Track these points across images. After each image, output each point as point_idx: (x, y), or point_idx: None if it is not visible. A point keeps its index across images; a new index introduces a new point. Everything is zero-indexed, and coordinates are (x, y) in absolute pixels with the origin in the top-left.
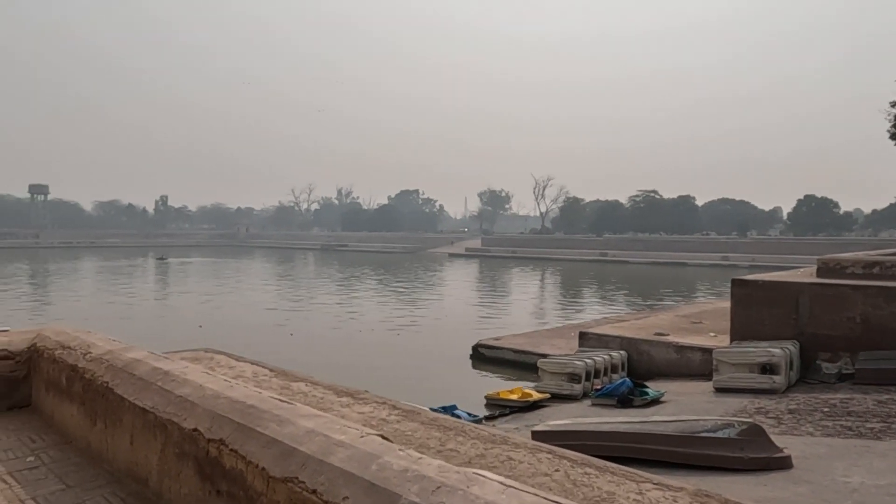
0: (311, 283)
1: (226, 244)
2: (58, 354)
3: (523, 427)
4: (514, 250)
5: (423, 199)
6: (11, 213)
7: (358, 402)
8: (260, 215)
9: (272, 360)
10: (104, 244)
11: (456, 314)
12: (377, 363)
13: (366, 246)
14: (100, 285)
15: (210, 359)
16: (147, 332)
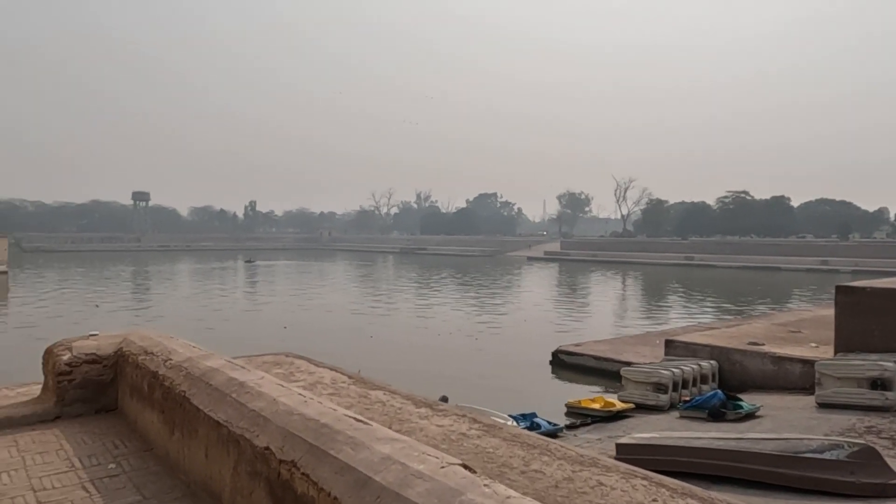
0: (391, 286)
1: (309, 247)
2: (141, 360)
3: (606, 438)
4: (594, 254)
5: (501, 202)
6: (117, 219)
7: (437, 413)
8: (342, 219)
9: (352, 363)
10: (198, 247)
11: (535, 319)
12: (456, 368)
13: (444, 249)
14: (194, 287)
15: (290, 363)
16: (236, 331)
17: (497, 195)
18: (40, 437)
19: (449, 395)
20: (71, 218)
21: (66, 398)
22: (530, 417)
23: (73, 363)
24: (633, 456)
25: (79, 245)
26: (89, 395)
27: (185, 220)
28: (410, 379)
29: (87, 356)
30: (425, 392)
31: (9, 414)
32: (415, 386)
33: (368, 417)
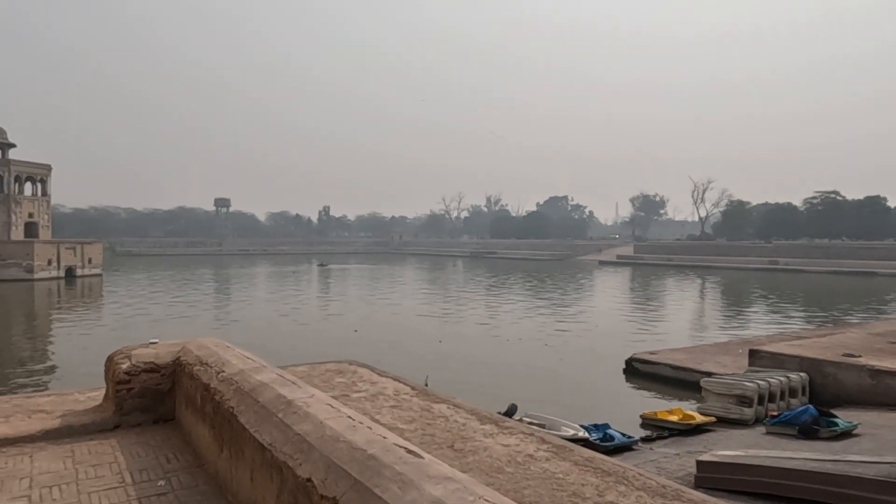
0: (460, 291)
1: (381, 251)
2: (195, 371)
3: (685, 453)
4: (669, 258)
5: (572, 205)
6: (200, 224)
7: (502, 431)
8: (412, 223)
9: (420, 368)
10: (275, 251)
11: (607, 325)
12: (525, 375)
13: (514, 253)
14: (271, 289)
15: (353, 372)
16: (309, 334)
17: (568, 198)
18: (97, 447)
19: (517, 403)
20: (159, 223)
21: (124, 407)
22: (603, 428)
23: (131, 372)
24: (715, 475)
25: (166, 249)
26: (147, 404)
27: (263, 224)
28: (478, 385)
29: (146, 365)
30: (493, 400)
31: (69, 422)
32: (482, 393)
33: (430, 434)
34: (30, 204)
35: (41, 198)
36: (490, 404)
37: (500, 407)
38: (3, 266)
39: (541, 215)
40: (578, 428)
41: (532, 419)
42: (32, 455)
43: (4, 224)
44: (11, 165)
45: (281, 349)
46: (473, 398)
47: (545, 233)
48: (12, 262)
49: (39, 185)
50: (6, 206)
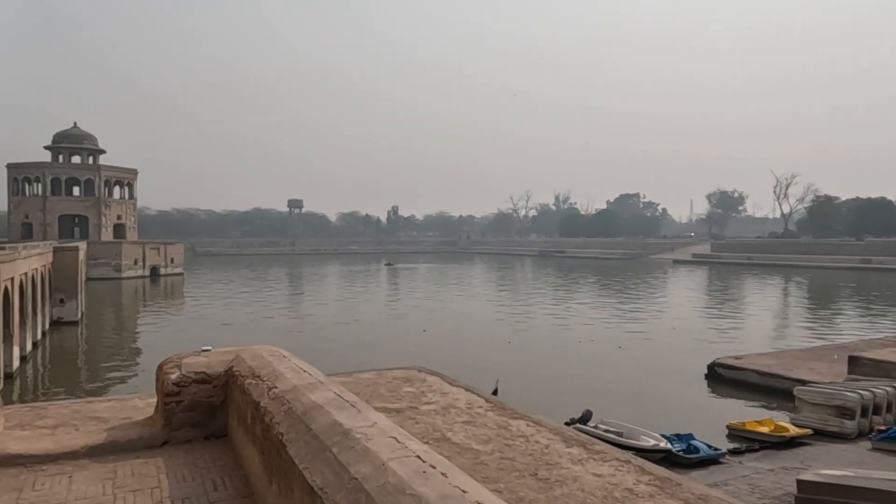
0: (528, 290)
1: (448, 250)
2: (247, 384)
3: (780, 469)
4: (749, 256)
5: (644, 202)
6: (274, 224)
7: (593, 456)
8: (480, 222)
9: (490, 369)
10: (345, 251)
11: (685, 327)
12: (599, 379)
13: (583, 252)
14: (341, 288)
15: (422, 381)
16: (378, 334)
17: (640, 195)
18: (141, 467)
19: (593, 410)
20: (236, 224)
21: (173, 422)
22: (687, 439)
23: (181, 383)
24: (819, 496)
25: (242, 249)
26: (198, 418)
27: (334, 224)
28: (549, 389)
29: (197, 375)
30: (567, 406)
31: (116, 437)
32: (554, 397)
33: (509, 458)
34: (118, 206)
35: (128, 201)
36: (562, 410)
37: (574, 413)
38: (94, 265)
39: (611, 213)
40: (660, 438)
41: (608, 427)
42: (72, 475)
43: (95, 226)
44: (102, 170)
45: (349, 350)
46: (545, 403)
47: (616, 231)
48: (102, 261)
49: (127, 188)
50: (97, 209)
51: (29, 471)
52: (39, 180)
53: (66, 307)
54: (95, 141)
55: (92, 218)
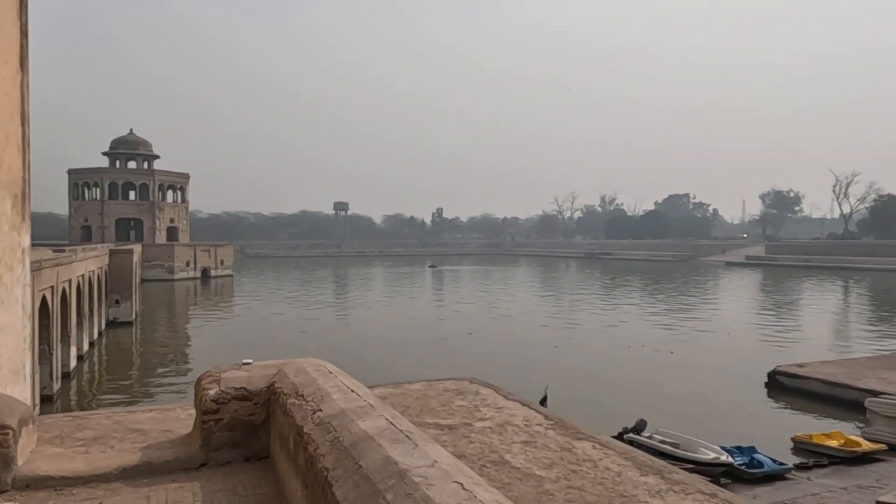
0: (574, 293)
1: (493, 252)
2: (289, 405)
3: (854, 488)
4: (806, 258)
5: (694, 202)
6: (321, 227)
7: (672, 488)
8: (524, 224)
9: (537, 376)
10: (390, 253)
11: (741, 332)
12: (651, 386)
13: (631, 254)
14: (386, 290)
15: (475, 393)
16: (423, 337)
17: (689, 196)
18: (177, 493)
19: (647, 419)
20: (283, 227)
21: (212, 442)
22: (749, 452)
23: (220, 399)
24: None
25: (290, 251)
26: (238, 438)
27: (379, 227)
28: (600, 397)
29: (237, 391)
30: (617, 415)
31: (151, 458)
32: (605, 405)
33: (577, 487)
34: (171, 210)
35: (181, 204)
36: (613, 418)
37: (627, 422)
38: (148, 267)
39: (660, 214)
40: (720, 451)
41: (664, 438)
42: (103, 502)
43: (150, 229)
44: (156, 175)
45: (394, 353)
46: (594, 411)
47: (665, 232)
48: (156, 263)
49: (179, 192)
50: (151, 213)
51: (58, 494)
52: (98, 185)
53: (122, 308)
54: (150, 147)
55: (146, 221)
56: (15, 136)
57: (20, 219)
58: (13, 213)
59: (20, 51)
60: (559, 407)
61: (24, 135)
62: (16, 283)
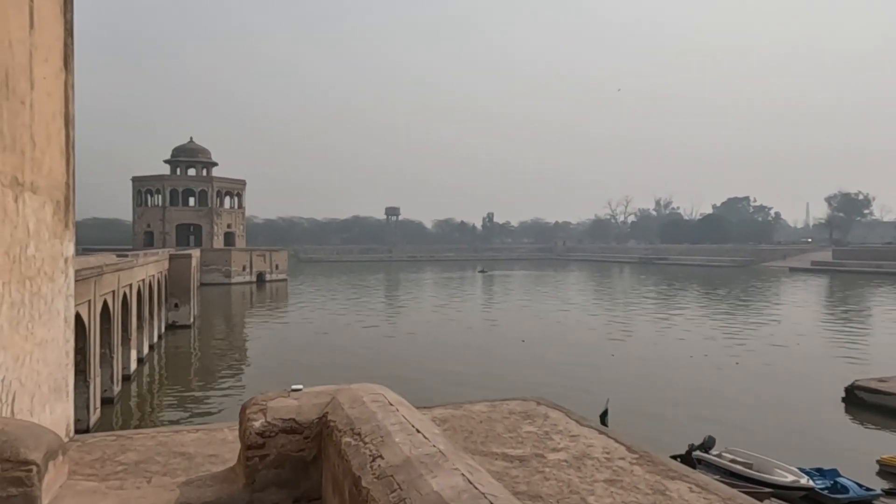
0: (629, 299)
1: (544, 257)
2: (344, 444)
3: None
4: (878, 264)
5: (754, 206)
6: (373, 232)
7: None
8: (576, 229)
9: (595, 385)
10: (441, 257)
11: (811, 342)
12: (717, 400)
13: (687, 259)
14: (437, 295)
15: (544, 417)
16: (477, 343)
17: (749, 199)
18: None
19: (715, 436)
20: (336, 231)
21: (257, 480)
22: (831, 475)
23: (266, 433)
24: None
25: (342, 255)
26: (287, 476)
27: (430, 231)
28: (662, 410)
29: (285, 423)
30: (681, 430)
31: (189, 498)
32: (668, 421)
33: None
34: (228, 216)
35: (237, 210)
36: (679, 434)
37: (692, 438)
38: (206, 271)
39: (718, 218)
40: (798, 473)
41: (735, 457)
42: None
43: (208, 234)
44: (214, 182)
45: (449, 363)
46: (658, 426)
47: (723, 237)
48: (214, 267)
49: (236, 198)
50: (210, 218)
51: None
52: (160, 192)
53: (180, 311)
54: (209, 154)
55: (205, 226)
56: (57, 138)
57: (62, 226)
58: (54, 221)
59: (64, 49)
60: (621, 421)
61: (69, 137)
62: (57, 295)
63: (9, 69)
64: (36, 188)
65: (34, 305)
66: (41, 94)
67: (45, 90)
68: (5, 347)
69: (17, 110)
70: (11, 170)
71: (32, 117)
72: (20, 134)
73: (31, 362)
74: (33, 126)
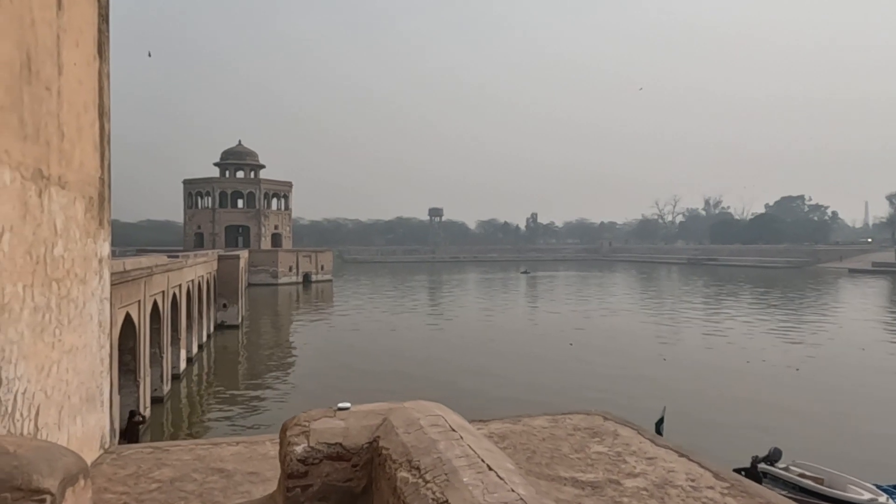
0: (680, 301)
1: (589, 258)
2: (401, 480)
3: None
4: None
5: (809, 205)
6: (416, 233)
7: None
8: (622, 229)
9: (646, 392)
10: (484, 258)
11: (876, 347)
12: (779, 408)
13: (739, 260)
14: (481, 297)
15: (613, 435)
16: (525, 348)
17: (804, 197)
18: None
19: (781, 448)
20: (380, 232)
21: None
22: None
23: (309, 460)
24: None
25: (386, 256)
26: None
27: (473, 232)
28: (721, 420)
29: (331, 448)
30: (742, 441)
31: None
32: (727, 430)
33: None
34: (275, 217)
35: (284, 211)
36: (740, 445)
37: (754, 449)
38: (254, 272)
39: (771, 217)
40: (876, 491)
41: (803, 471)
42: None
43: (256, 235)
44: (262, 184)
45: (497, 366)
46: (718, 435)
47: (777, 237)
48: (261, 268)
49: (283, 200)
50: (257, 220)
51: None
52: (209, 194)
53: (229, 311)
54: (256, 157)
55: (253, 228)
56: (90, 131)
57: (96, 224)
58: (86, 218)
59: (98, 35)
60: (678, 431)
61: (103, 130)
62: (90, 298)
63: (31, 50)
64: (65, 183)
65: (62, 310)
66: (71, 81)
67: (76, 77)
68: (27, 357)
69: (41, 96)
70: (34, 161)
71: (60, 105)
72: (45, 123)
73: (58, 371)
74: (61, 115)
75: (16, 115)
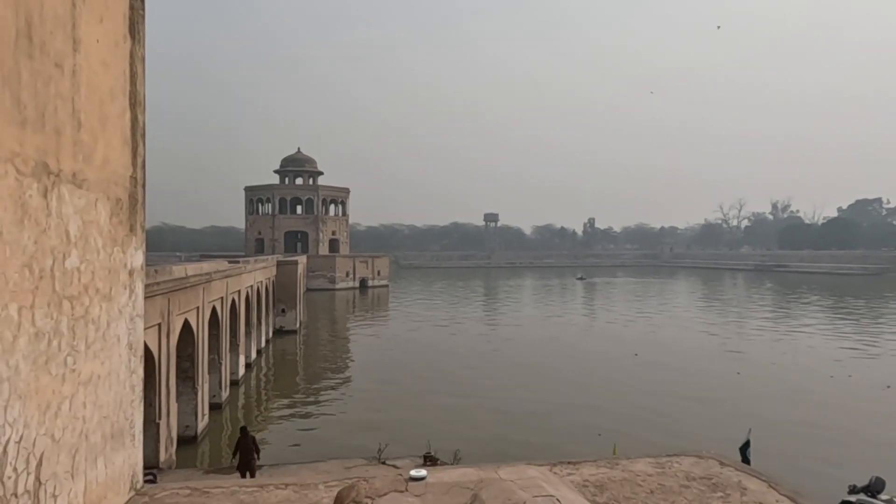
0: (748, 310)
1: (649, 264)
2: None
3: None
4: None
5: (887, 208)
6: (471, 238)
7: None
8: (684, 234)
9: (724, 414)
10: (541, 264)
11: None
12: (873, 432)
13: (810, 266)
14: (537, 304)
15: (739, 489)
16: (583, 358)
17: (882, 200)
18: None
19: (884, 478)
20: (436, 238)
21: None
22: None
23: None
24: None
25: (441, 262)
26: None
27: (529, 238)
28: (810, 443)
29: None
30: (834, 468)
31: None
32: (817, 457)
33: None
34: (333, 223)
35: (341, 217)
36: (830, 472)
37: (848, 476)
38: (312, 277)
39: (845, 222)
40: None
41: None
42: None
43: (314, 241)
44: (320, 190)
45: (561, 381)
46: (806, 461)
47: (852, 242)
48: (319, 273)
49: (340, 206)
50: (315, 226)
51: None
52: (270, 200)
53: (287, 317)
54: (315, 164)
55: (311, 234)
56: (118, 122)
57: (125, 230)
58: (112, 223)
59: (130, 13)
60: (764, 456)
61: (136, 122)
62: (117, 317)
63: (32, 15)
64: (82, 181)
65: (77, 334)
66: (92, 61)
67: (99, 58)
68: (24, 396)
69: (46, 74)
70: (36, 153)
71: (76, 88)
72: (54, 107)
73: (71, 408)
74: (77, 100)
75: (8, 93)
